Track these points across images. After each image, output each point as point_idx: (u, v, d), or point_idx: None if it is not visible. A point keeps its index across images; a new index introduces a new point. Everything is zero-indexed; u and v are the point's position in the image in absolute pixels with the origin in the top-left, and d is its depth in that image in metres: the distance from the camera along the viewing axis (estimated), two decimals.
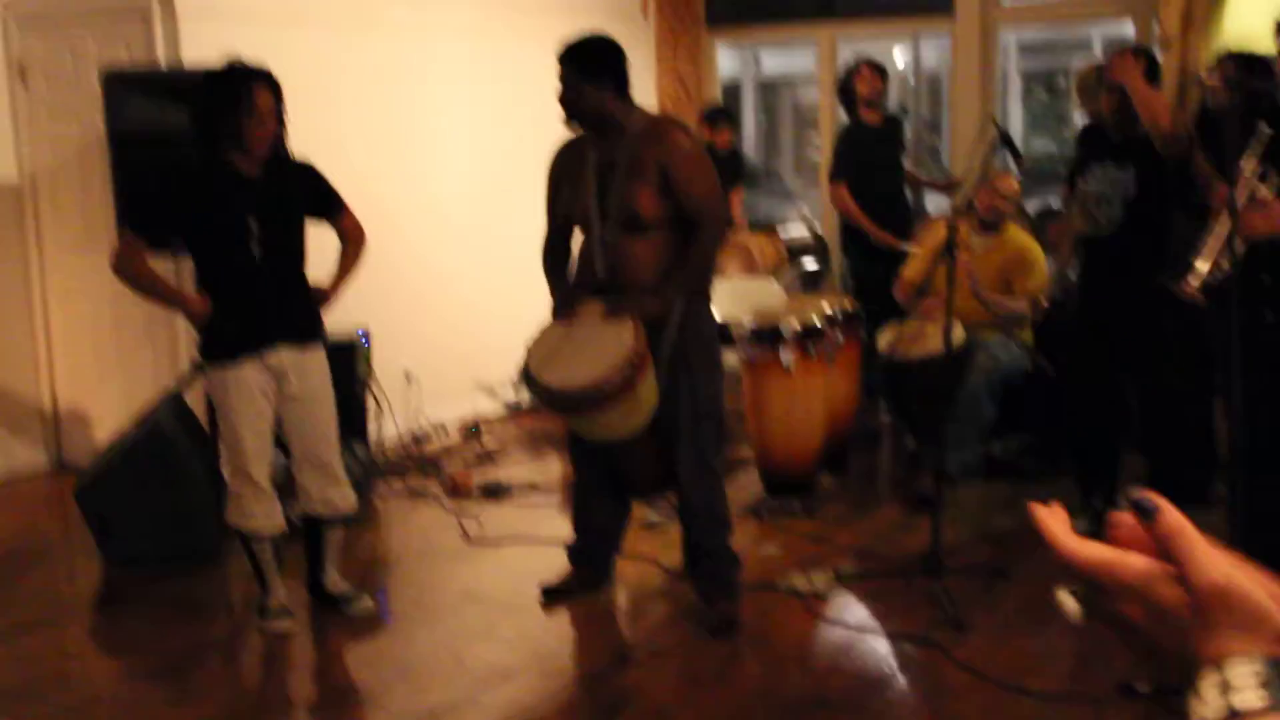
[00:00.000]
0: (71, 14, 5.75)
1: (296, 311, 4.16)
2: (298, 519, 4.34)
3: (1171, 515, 0.80)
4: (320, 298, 4.25)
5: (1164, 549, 0.80)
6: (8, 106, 5.94)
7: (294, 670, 4.00)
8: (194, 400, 5.10)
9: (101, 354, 5.98)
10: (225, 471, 4.21)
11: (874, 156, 6.65)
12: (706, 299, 4.18)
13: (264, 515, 4.12)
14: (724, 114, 7.40)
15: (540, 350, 3.94)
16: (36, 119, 5.94)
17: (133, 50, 5.60)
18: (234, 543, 4.74)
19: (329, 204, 4.28)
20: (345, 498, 4.28)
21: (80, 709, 3.64)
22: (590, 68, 3.95)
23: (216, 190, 3.99)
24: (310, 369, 4.17)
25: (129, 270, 4.06)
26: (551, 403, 3.94)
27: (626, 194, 3.92)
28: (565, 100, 4.02)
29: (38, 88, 5.91)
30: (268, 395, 4.10)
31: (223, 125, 3.91)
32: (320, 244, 4.38)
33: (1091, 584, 0.82)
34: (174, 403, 4.92)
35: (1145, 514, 0.81)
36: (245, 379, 4.03)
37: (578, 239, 4.21)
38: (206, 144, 3.97)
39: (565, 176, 4.15)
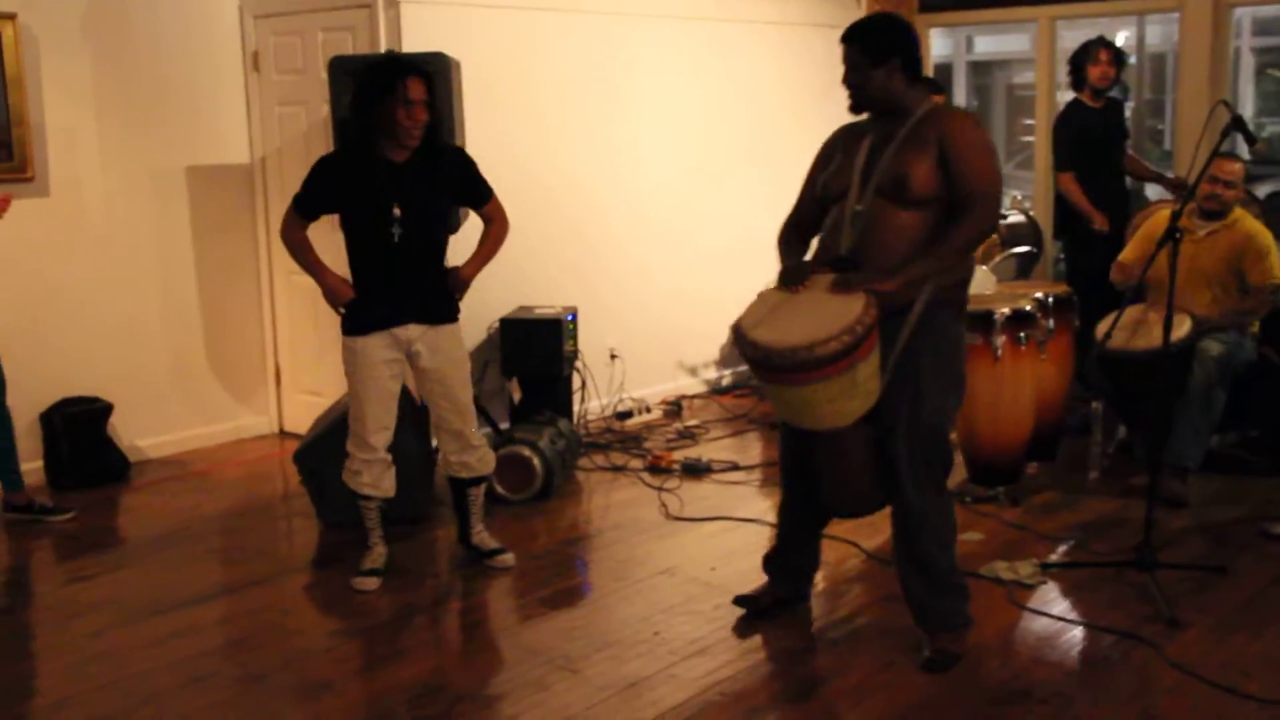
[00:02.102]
0: (302, 6, 6.03)
1: (430, 294, 4.33)
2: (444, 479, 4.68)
3: None
4: (456, 280, 4.38)
5: None
6: (243, 93, 6.27)
7: (496, 637, 4.11)
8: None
9: (321, 327, 6.24)
10: (350, 435, 4.40)
11: (1094, 141, 6.42)
12: (958, 311, 3.72)
13: (370, 480, 4.38)
14: (929, 82, 7.07)
15: (756, 312, 3.63)
16: (267, 104, 6.25)
17: (357, 39, 5.83)
18: (441, 509, 5.03)
19: (477, 192, 4.42)
20: (482, 460, 4.54)
21: (296, 661, 3.83)
22: (876, 50, 3.62)
23: (364, 175, 4.19)
24: (442, 345, 4.36)
25: (287, 240, 4.35)
26: (758, 361, 3.54)
27: (898, 160, 3.57)
28: (850, 84, 3.69)
29: (269, 75, 6.22)
30: (393, 368, 4.33)
31: (376, 114, 4.10)
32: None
33: None
34: None
35: None
36: (371, 352, 4.27)
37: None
38: (360, 130, 4.17)
39: (839, 150, 3.79)
